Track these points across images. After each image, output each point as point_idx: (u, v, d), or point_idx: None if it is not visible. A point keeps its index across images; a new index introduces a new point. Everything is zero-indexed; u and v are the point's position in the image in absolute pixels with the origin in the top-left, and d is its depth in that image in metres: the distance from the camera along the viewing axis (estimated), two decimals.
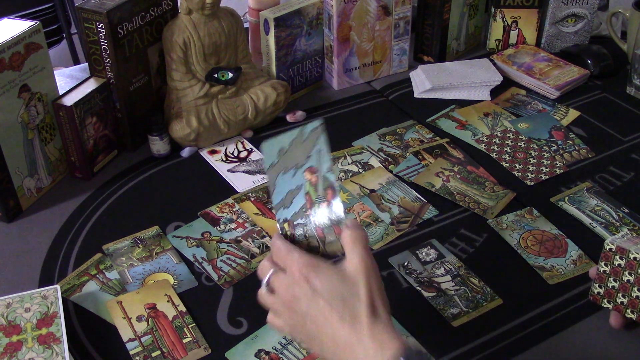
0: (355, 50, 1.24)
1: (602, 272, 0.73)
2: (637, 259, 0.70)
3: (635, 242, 0.73)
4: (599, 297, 0.74)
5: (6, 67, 0.88)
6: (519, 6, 1.34)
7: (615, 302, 0.73)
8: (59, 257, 0.89)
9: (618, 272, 0.72)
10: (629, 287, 0.72)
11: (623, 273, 0.72)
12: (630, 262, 0.71)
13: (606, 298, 0.74)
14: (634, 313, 0.72)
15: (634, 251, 0.70)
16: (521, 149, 1.09)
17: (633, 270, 0.71)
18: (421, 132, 1.13)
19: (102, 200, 0.99)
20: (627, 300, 0.72)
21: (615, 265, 0.72)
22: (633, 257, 0.71)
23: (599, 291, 0.74)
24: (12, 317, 0.74)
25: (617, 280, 0.72)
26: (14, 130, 0.92)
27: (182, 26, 1.03)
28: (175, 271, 0.86)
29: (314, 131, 0.64)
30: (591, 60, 1.29)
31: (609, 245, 0.72)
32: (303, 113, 1.18)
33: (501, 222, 0.94)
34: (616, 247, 0.71)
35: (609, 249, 0.72)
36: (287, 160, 0.66)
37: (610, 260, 0.72)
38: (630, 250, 0.71)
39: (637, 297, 0.71)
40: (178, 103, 1.07)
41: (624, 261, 0.71)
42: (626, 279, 0.72)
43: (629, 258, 0.71)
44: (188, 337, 0.77)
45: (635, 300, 0.71)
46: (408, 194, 0.99)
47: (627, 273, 0.71)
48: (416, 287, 0.84)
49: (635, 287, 0.71)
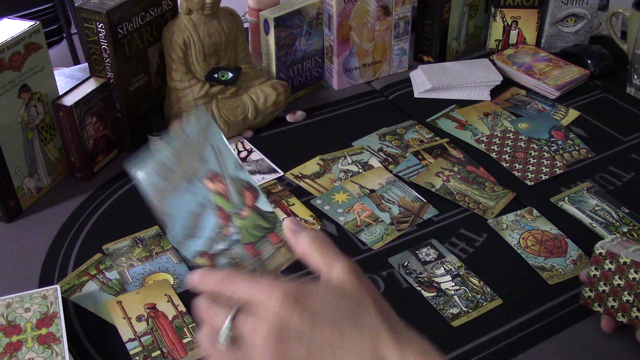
0: (355, 50, 1.24)
1: (593, 276, 0.73)
2: (627, 264, 0.71)
3: (625, 245, 0.73)
4: (589, 300, 0.74)
5: (6, 67, 0.88)
6: (519, 6, 1.34)
7: (605, 306, 0.73)
8: (59, 257, 0.89)
9: (608, 277, 0.72)
10: (620, 291, 0.72)
11: (613, 277, 0.72)
12: (621, 266, 0.71)
13: (597, 302, 0.74)
14: (624, 317, 0.72)
15: (623, 255, 0.71)
16: (521, 149, 1.09)
17: (623, 275, 0.71)
18: (421, 132, 1.13)
19: (102, 200, 0.99)
20: (618, 304, 0.72)
21: (606, 269, 0.72)
22: (623, 261, 0.71)
23: (589, 295, 0.74)
24: (12, 317, 0.74)
25: (608, 284, 0.72)
26: (14, 130, 0.92)
27: (182, 26, 1.03)
28: (175, 271, 0.86)
29: (200, 126, 0.48)
30: (591, 60, 1.29)
31: (598, 249, 0.72)
32: (303, 113, 1.18)
33: (501, 222, 0.94)
34: (606, 251, 0.72)
35: (599, 253, 0.72)
36: (174, 177, 0.48)
37: (601, 264, 0.72)
38: (620, 255, 0.71)
39: (628, 301, 0.71)
40: (178, 103, 1.07)
41: (614, 265, 0.71)
42: (616, 283, 0.72)
43: (619, 263, 0.71)
44: (188, 337, 0.77)
45: (625, 304, 0.72)
46: (408, 194, 0.99)
47: (618, 277, 0.71)
48: (416, 287, 0.84)
49: (625, 291, 0.71)
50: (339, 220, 0.94)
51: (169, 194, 0.49)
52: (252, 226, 0.48)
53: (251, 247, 0.48)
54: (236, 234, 0.48)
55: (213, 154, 0.48)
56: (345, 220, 0.94)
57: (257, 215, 0.47)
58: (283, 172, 1.04)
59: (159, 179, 0.49)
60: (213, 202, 0.47)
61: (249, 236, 0.48)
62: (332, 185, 1.01)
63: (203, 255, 0.48)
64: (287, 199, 0.98)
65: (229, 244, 0.48)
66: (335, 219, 0.95)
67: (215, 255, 0.48)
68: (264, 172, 1.04)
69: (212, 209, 0.47)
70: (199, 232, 0.48)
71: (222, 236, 0.48)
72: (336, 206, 0.97)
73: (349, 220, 0.94)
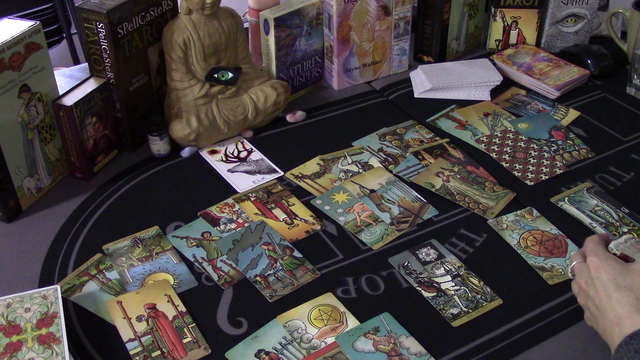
0: (355, 50, 1.24)
1: None
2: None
3: (638, 247, 0.73)
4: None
5: (6, 67, 0.88)
6: (519, 6, 1.34)
7: None
8: (59, 257, 0.89)
9: None
10: None
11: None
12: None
13: None
14: None
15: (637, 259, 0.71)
16: (521, 149, 1.09)
17: None
18: (421, 132, 1.13)
19: (102, 200, 0.99)
20: None
21: None
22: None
23: None
24: (12, 317, 0.74)
25: None
26: (14, 130, 0.92)
27: (182, 26, 1.03)
28: (175, 271, 0.86)
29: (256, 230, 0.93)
30: (591, 60, 1.29)
31: (613, 250, 0.72)
32: (303, 113, 1.18)
33: (501, 222, 0.94)
34: (621, 253, 0.72)
35: (613, 254, 0.72)
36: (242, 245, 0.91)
37: None
38: (634, 258, 0.71)
39: None
40: (178, 103, 1.07)
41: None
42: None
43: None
44: (188, 337, 0.77)
45: None
46: (408, 194, 0.99)
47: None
48: (416, 287, 0.84)
49: None
50: (339, 220, 0.94)
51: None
52: (290, 262, 0.87)
53: (290, 272, 0.86)
54: (280, 267, 0.86)
55: (266, 236, 0.91)
56: (345, 220, 0.94)
57: (292, 257, 0.88)
58: (283, 172, 1.04)
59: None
60: (266, 253, 0.88)
61: (288, 266, 0.87)
62: (332, 185, 1.01)
63: (258, 276, 0.85)
64: (287, 199, 0.98)
65: (274, 271, 0.86)
66: (335, 219, 0.95)
67: (266, 276, 0.85)
68: (264, 172, 1.04)
69: (265, 256, 0.88)
70: (257, 266, 0.87)
71: (270, 268, 0.86)
72: (336, 206, 0.97)
73: (349, 220, 0.94)
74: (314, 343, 0.76)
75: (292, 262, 0.87)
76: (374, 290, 0.84)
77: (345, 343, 0.76)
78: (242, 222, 0.94)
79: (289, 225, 0.94)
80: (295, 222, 0.94)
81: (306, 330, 0.78)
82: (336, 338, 0.77)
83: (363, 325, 0.78)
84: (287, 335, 0.77)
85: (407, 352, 0.75)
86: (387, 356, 0.75)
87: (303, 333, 0.78)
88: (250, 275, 0.85)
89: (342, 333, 0.78)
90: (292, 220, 0.94)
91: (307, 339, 0.77)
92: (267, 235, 0.91)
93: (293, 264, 0.87)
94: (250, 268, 0.86)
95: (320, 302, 0.82)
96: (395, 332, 0.78)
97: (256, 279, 0.85)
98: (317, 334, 0.77)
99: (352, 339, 0.77)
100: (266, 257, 0.88)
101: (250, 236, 0.91)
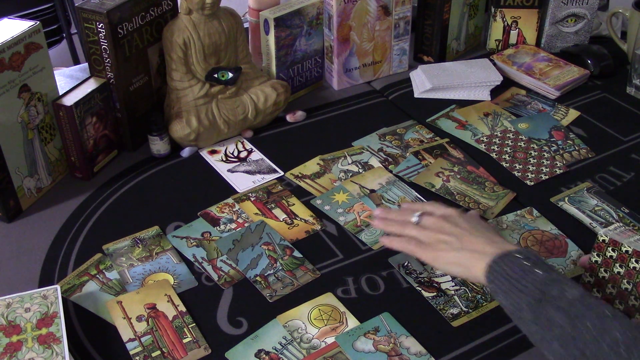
0: (355, 50, 1.24)
1: (594, 262, 0.74)
2: (629, 253, 0.71)
3: (628, 235, 0.74)
4: (589, 285, 0.75)
5: (6, 67, 0.88)
6: (519, 6, 1.34)
7: (604, 293, 0.74)
8: (59, 257, 0.89)
9: (609, 264, 0.73)
10: (619, 279, 0.73)
11: (614, 265, 0.73)
12: (622, 255, 0.72)
13: (596, 287, 0.74)
14: (622, 304, 0.73)
15: (626, 244, 0.72)
16: (521, 149, 1.09)
17: (624, 263, 0.72)
18: (421, 132, 1.13)
19: (102, 200, 0.99)
20: (616, 292, 0.73)
21: (607, 256, 0.73)
22: (625, 250, 0.72)
23: (589, 280, 0.75)
24: (12, 317, 0.74)
25: (608, 271, 0.73)
26: (14, 130, 0.92)
27: (182, 26, 1.03)
28: (175, 271, 0.86)
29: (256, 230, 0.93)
30: (591, 60, 1.29)
31: (602, 236, 0.73)
32: (303, 113, 1.18)
33: (501, 222, 0.94)
34: (609, 239, 0.72)
35: (602, 240, 0.73)
36: (242, 245, 0.91)
37: (603, 251, 0.73)
38: (622, 244, 0.72)
39: (626, 289, 0.72)
40: (178, 103, 1.07)
41: (616, 253, 0.72)
42: (617, 270, 0.73)
43: (621, 251, 0.72)
44: (188, 337, 0.77)
45: (624, 292, 0.72)
46: (408, 194, 0.99)
47: (619, 265, 0.72)
48: (416, 287, 0.84)
49: (625, 280, 0.72)
50: (339, 220, 0.94)
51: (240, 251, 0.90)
52: (290, 262, 0.87)
53: (290, 272, 0.86)
54: (280, 267, 0.87)
55: (266, 236, 0.91)
56: (345, 220, 0.94)
57: (292, 257, 0.88)
58: (283, 172, 1.04)
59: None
60: (266, 253, 0.89)
61: (288, 266, 0.87)
62: (332, 185, 1.01)
63: (258, 276, 0.86)
64: (287, 199, 0.98)
65: (274, 271, 0.86)
66: (335, 219, 0.95)
67: (266, 276, 0.85)
68: (264, 172, 1.04)
69: (265, 256, 0.88)
70: (257, 266, 0.87)
71: (270, 268, 0.86)
72: (336, 206, 0.97)
73: (349, 220, 0.94)
74: (314, 343, 0.76)
75: (292, 262, 0.87)
76: (374, 290, 0.84)
77: (345, 343, 0.76)
78: (242, 222, 0.94)
79: (289, 225, 0.94)
80: (295, 222, 0.94)
81: (306, 330, 0.78)
82: (336, 338, 0.77)
83: (363, 325, 0.78)
84: (287, 335, 0.77)
85: (407, 352, 0.75)
86: (387, 356, 0.75)
87: (303, 333, 0.78)
88: (250, 275, 0.85)
89: (342, 333, 0.78)
90: (292, 220, 0.94)
91: (307, 339, 0.77)
92: (267, 235, 0.91)
93: (293, 264, 0.87)
94: (250, 268, 0.86)
95: (320, 302, 0.82)
96: (395, 332, 0.78)
97: (256, 279, 0.85)
98: (317, 334, 0.77)
99: (352, 339, 0.77)
100: (266, 257, 0.88)
101: (250, 236, 0.91)
